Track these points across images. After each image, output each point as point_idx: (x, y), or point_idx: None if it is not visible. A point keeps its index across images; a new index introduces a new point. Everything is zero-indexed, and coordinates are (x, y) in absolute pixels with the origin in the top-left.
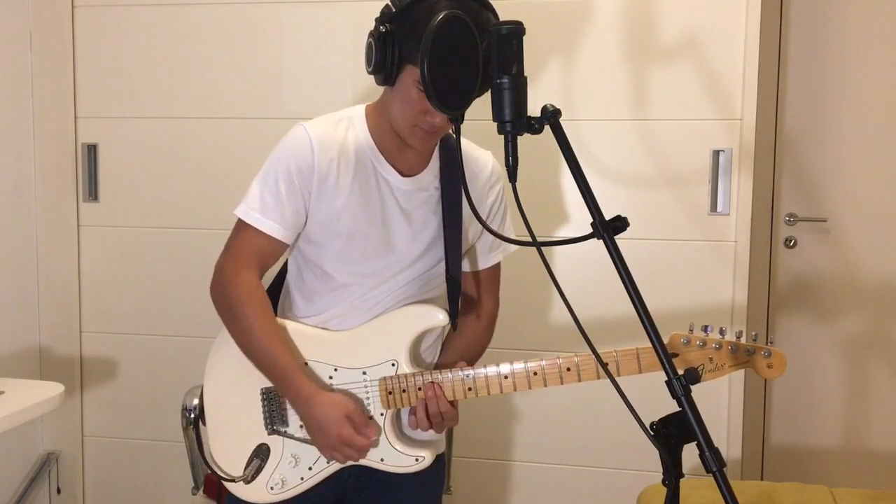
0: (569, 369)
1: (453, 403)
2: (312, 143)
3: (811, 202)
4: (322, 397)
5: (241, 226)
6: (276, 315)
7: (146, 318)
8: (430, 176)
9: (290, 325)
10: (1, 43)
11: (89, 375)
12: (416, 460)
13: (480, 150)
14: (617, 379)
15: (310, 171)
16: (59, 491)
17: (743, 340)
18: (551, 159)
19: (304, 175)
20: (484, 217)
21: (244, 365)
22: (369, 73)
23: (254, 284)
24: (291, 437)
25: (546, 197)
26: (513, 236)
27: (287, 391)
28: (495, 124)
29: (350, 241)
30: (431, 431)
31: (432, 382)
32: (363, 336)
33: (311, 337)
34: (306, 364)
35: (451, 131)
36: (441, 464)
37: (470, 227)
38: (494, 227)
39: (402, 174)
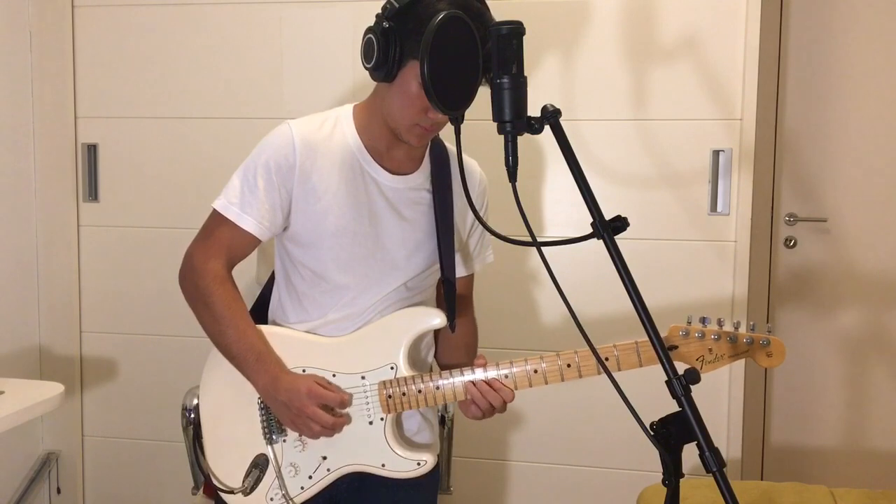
0: (569, 366)
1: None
2: (295, 141)
3: (811, 202)
4: (292, 373)
5: (218, 218)
6: (267, 325)
7: (146, 318)
8: (422, 178)
9: (284, 332)
10: (1, 43)
11: (89, 375)
12: (419, 464)
13: (469, 158)
14: (617, 376)
15: (290, 169)
16: (59, 491)
17: (741, 330)
18: (550, 159)
19: (283, 172)
20: (471, 224)
21: (240, 377)
22: (368, 68)
23: (223, 274)
24: (290, 445)
25: (545, 197)
26: (491, 248)
27: (258, 375)
28: (495, 124)
29: (338, 240)
30: (429, 434)
31: (492, 381)
32: (360, 341)
33: (307, 343)
34: (304, 371)
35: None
36: (437, 463)
37: (457, 232)
38: (476, 236)
39: (392, 173)
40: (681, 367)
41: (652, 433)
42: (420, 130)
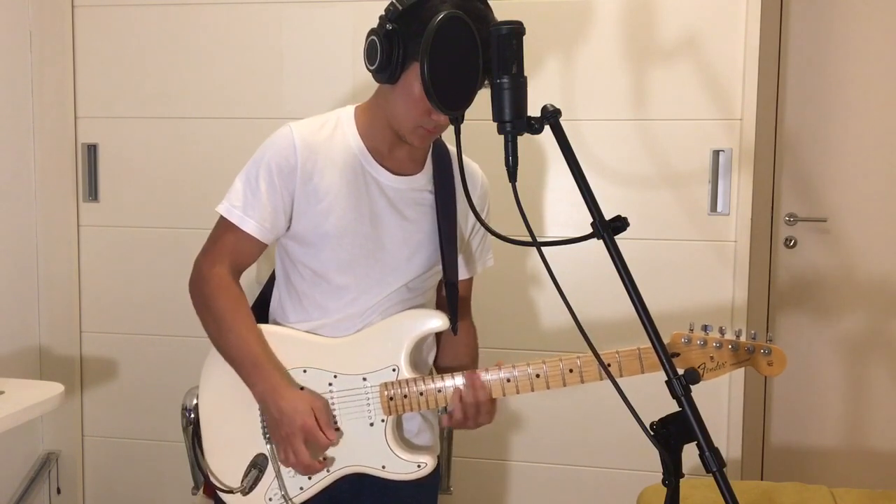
0: (571, 371)
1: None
2: (296, 143)
3: (811, 202)
4: (292, 390)
5: (223, 223)
6: (267, 324)
7: (146, 318)
8: (424, 179)
9: (286, 331)
10: (1, 43)
11: (89, 375)
12: (419, 466)
13: (471, 161)
14: (618, 379)
15: (291, 171)
16: (59, 491)
17: (743, 339)
18: (550, 159)
19: (284, 174)
20: (471, 227)
21: (239, 377)
22: (372, 70)
23: (227, 279)
24: None
25: (545, 197)
26: (491, 251)
27: (257, 381)
28: (495, 124)
29: (339, 240)
30: (429, 435)
31: (472, 372)
32: (362, 342)
33: (309, 344)
34: (305, 371)
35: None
36: (437, 464)
37: (459, 233)
38: (478, 240)
39: (394, 174)
40: (681, 368)
41: (652, 433)
42: (423, 132)
